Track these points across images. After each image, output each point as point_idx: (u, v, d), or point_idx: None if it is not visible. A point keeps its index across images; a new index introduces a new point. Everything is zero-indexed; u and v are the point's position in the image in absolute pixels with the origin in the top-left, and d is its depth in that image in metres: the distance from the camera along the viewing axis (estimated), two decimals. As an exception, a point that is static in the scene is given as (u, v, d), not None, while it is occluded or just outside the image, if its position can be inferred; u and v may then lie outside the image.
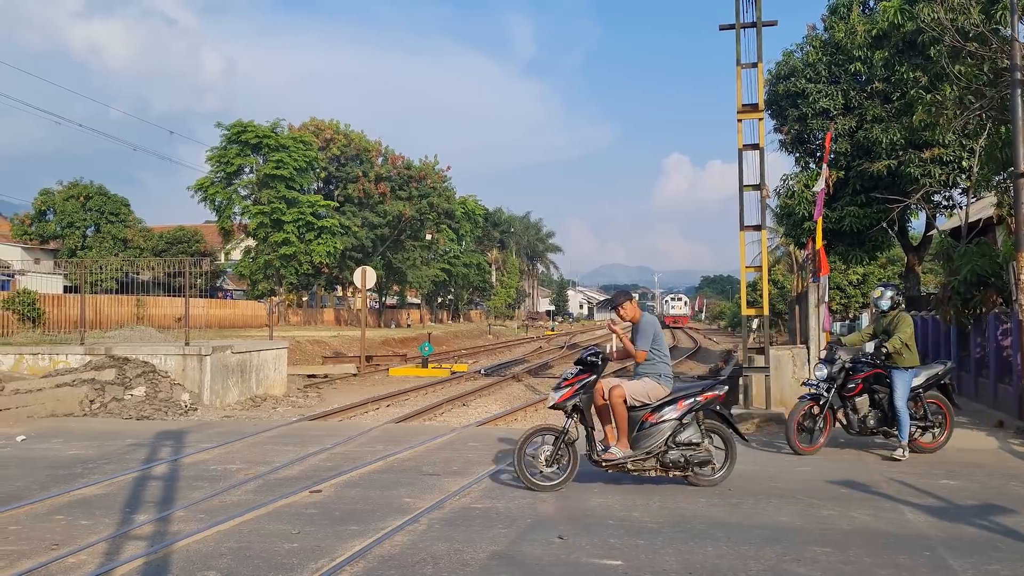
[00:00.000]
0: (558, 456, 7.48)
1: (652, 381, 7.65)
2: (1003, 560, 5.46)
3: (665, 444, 7.46)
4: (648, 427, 7.49)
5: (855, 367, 9.58)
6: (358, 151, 51.73)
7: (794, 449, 9.40)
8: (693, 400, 7.57)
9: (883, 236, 22.16)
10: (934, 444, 9.58)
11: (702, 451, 7.53)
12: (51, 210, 49.37)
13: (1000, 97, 12.04)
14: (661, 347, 7.83)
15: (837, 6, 20.53)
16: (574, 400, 7.47)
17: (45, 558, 5.52)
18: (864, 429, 9.50)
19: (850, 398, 9.56)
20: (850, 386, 9.53)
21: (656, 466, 7.47)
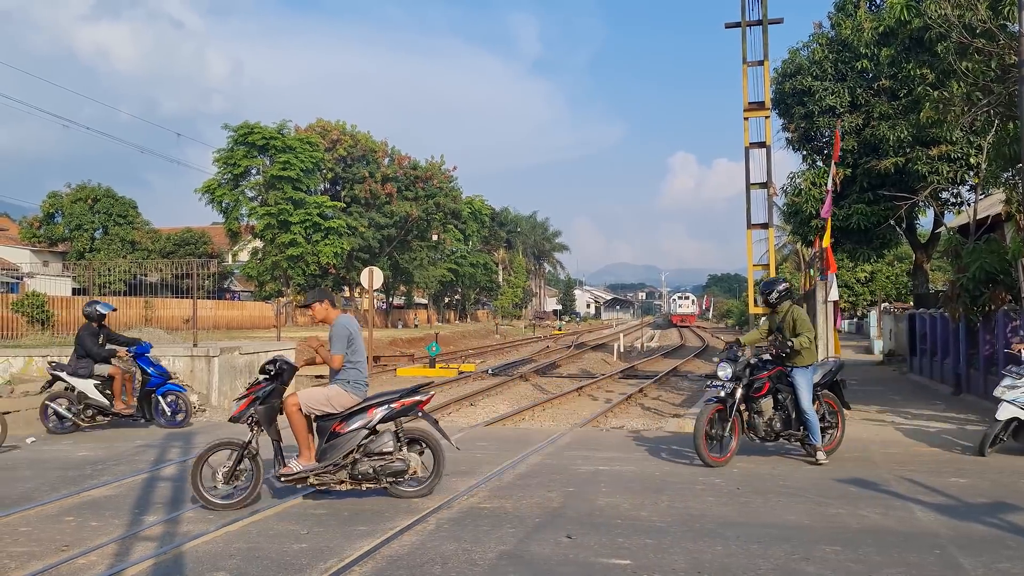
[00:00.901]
0: (238, 472, 6.97)
1: (337, 388, 7.10)
2: (1014, 558, 5.43)
3: (355, 455, 6.97)
4: (336, 437, 7.00)
5: (760, 365, 9.00)
6: (364, 152, 51.82)
7: (704, 460, 8.58)
8: (387, 408, 7.09)
9: (891, 233, 22.11)
10: (830, 446, 9.08)
11: (395, 461, 7.01)
12: (59, 213, 49.60)
13: (1008, 93, 12.00)
14: (356, 351, 7.23)
15: (844, 3, 20.48)
16: (250, 412, 7.03)
17: (55, 559, 5.55)
18: (770, 433, 8.89)
19: (755, 399, 8.91)
20: (756, 386, 8.87)
21: (346, 478, 6.98)
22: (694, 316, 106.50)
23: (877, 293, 45.64)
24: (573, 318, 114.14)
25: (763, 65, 13.91)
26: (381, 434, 7.10)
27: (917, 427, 11.70)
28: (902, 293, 44.07)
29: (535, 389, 21.54)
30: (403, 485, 7.16)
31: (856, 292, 46.59)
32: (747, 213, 14.00)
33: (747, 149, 13.96)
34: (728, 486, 7.69)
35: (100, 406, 11.70)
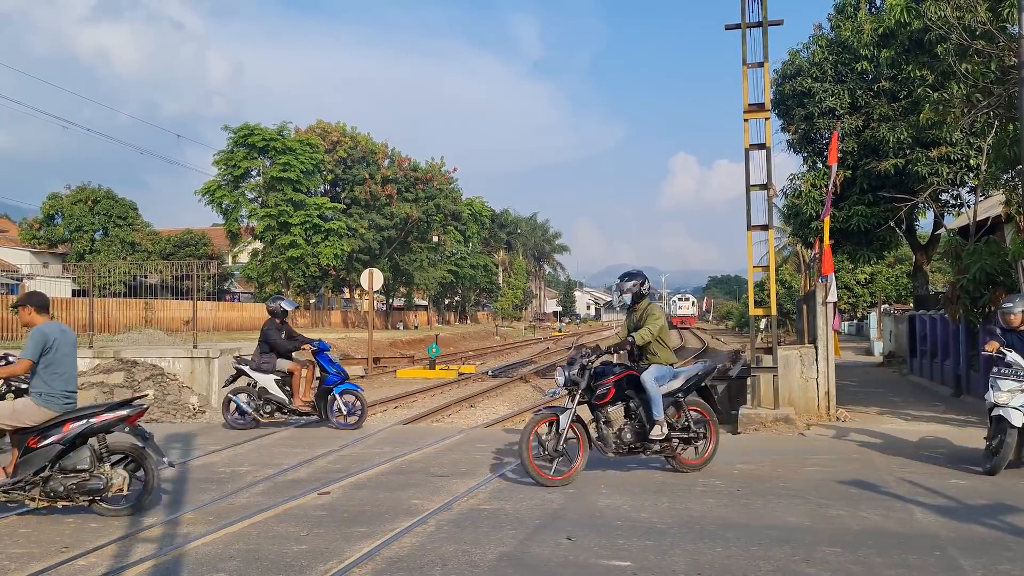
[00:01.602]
0: None
1: (26, 401, 6.74)
2: (1014, 560, 5.43)
3: (48, 471, 6.61)
4: (29, 452, 6.62)
5: (605, 369, 8.17)
6: (364, 153, 51.83)
7: (535, 478, 7.63)
8: (85, 422, 6.65)
9: (891, 235, 22.10)
10: (699, 460, 8.40)
11: (92, 478, 6.59)
12: (59, 214, 49.62)
13: (1008, 95, 12.00)
14: (56, 363, 6.76)
15: (844, 5, 20.48)
16: None
17: (55, 560, 5.54)
18: (622, 446, 8.02)
19: (601, 407, 8.09)
20: (600, 392, 8.02)
21: (39, 495, 6.61)
22: (694, 318, 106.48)
23: (877, 294, 45.65)
24: (573, 319, 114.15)
25: (763, 67, 13.89)
26: (79, 449, 6.67)
27: (917, 429, 11.69)
28: (902, 295, 44.09)
29: (535, 391, 21.54)
30: (107, 503, 6.75)
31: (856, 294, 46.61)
32: (747, 214, 13.98)
33: (747, 151, 13.94)
34: (728, 487, 7.69)
35: (279, 402, 11.74)
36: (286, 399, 11.74)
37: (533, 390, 21.77)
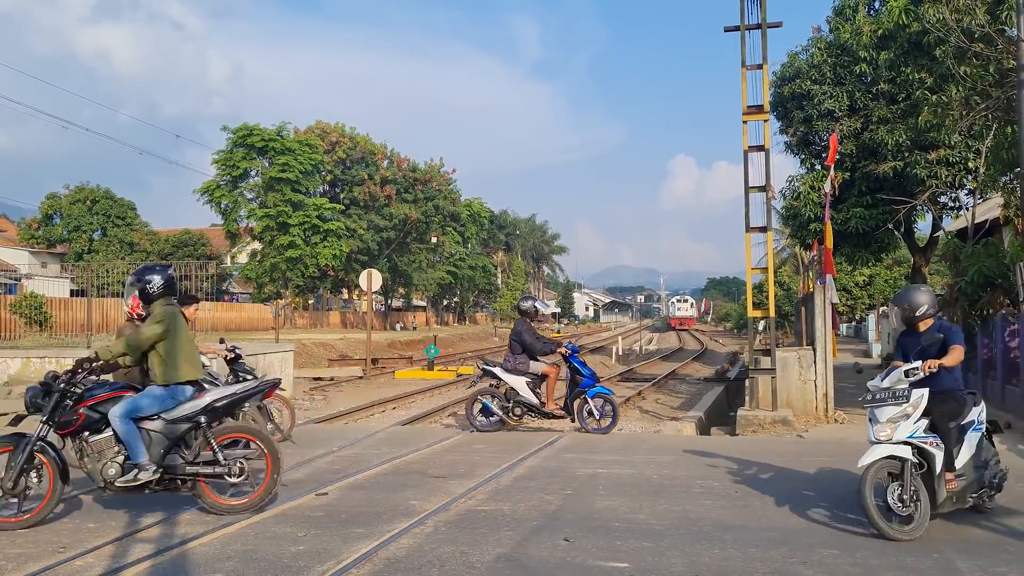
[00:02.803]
0: None
1: None
2: (1011, 562, 5.43)
3: None
4: None
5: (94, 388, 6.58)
6: (363, 154, 51.85)
7: None
8: None
9: (889, 237, 22.11)
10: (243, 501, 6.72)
11: None
12: (58, 214, 49.62)
13: (1006, 98, 12.02)
14: None
15: (843, 7, 20.50)
16: None
17: (52, 561, 5.54)
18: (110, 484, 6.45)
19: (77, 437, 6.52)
20: (71, 419, 6.47)
21: None
22: (693, 319, 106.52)
23: (875, 297, 45.67)
24: (572, 321, 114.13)
25: (762, 69, 13.92)
26: None
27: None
28: (900, 297, 44.05)
29: (533, 392, 21.53)
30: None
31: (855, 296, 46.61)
32: (746, 216, 14.00)
33: (746, 152, 13.96)
34: (725, 489, 7.69)
35: (530, 404, 11.43)
36: (538, 401, 11.42)
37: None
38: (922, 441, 6.06)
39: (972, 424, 6.35)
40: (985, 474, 6.41)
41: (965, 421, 6.32)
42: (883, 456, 6.07)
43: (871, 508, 5.90)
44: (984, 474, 6.40)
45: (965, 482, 6.22)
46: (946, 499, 6.11)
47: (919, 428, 6.10)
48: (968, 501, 6.29)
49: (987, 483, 6.44)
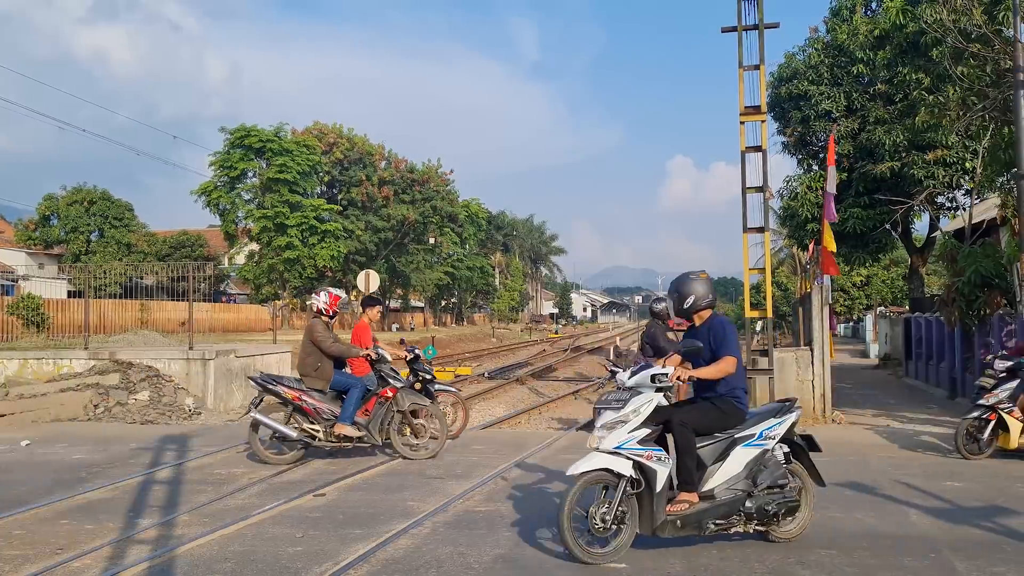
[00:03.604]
0: None
1: None
2: (1008, 562, 5.44)
3: None
4: None
5: None
6: (361, 155, 51.81)
7: None
8: None
9: (887, 238, 22.17)
10: None
11: None
12: (55, 215, 49.53)
13: (1003, 98, 12.04)
14: None
15: (840, 8, 20.55)
16: None
17: (50, 562, 5.53)
18: None
19: None
20: None
21: None
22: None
23: (873, 297, 45.72)
24: (570, 321, 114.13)
25: (759, 69, 13.92)
26: None
27: (912, 430, 11.71)
28: (898, 297, 44.15)
29: (531, 392, 21.55)
30: None
31: (852, 296, 46.67)
32: (743, 217, 14.01)
33: (743, 153, 13.97)
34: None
35: None
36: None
37: (530, 392, 21.78)
38: (636, 454, 5.29)
39: (747, 439, 5.58)
40: (751, 500, 5.52)
41: (740, 435, 5.59)
42: (597, 468, 5.32)
43: (563, 522, 5.22)
44: (749, 499, 5.51)
45: (708, 505, 5.42)
46: (667, 523, 5.32)
47: (635, 439, 5.30)
48: (709, 528, 5.44)
49: (753, 511, 5.51)
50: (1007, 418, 9.07)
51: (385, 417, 9.26)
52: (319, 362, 9.22)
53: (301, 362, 9.38)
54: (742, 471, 5.55)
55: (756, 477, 5.58)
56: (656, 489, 5.29)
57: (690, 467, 5.40)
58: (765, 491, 5.58)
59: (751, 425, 5.66)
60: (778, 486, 5.63)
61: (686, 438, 5.42)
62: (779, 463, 5.72)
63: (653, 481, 5.29)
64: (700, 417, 5.60)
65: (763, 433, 5.64)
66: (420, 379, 9.71)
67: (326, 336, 9.26)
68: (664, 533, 5.36)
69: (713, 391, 5.70)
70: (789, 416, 5.77)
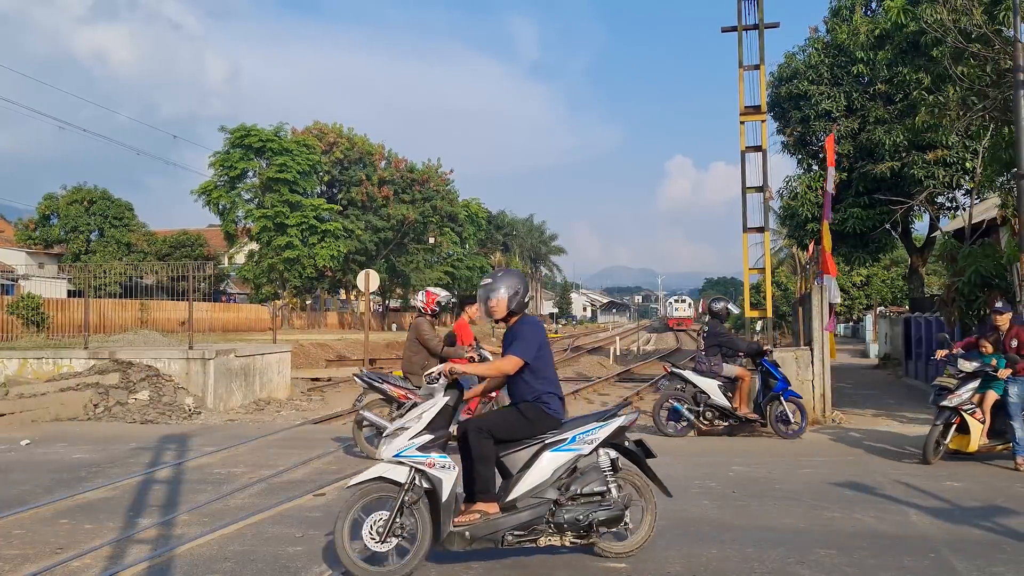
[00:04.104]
0: None
1: None
2: (1008, 562, 5.44)
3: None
4: None
5: None
6: (361, 154, 51.79)
7: None
8: None
9: (886, 238, 22.16)
10: None
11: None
12: (55, 215, 49.48)
13: (1003, 98, 12.03)
14: None
15: (839, 8, 20.55)
16: None
17: (50, 562, 5.53)
18: None
19: None
20: None
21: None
22: (690, 319, 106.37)
23: (873, 297, 45.70)
24: (569, 321, 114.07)
25: (759, 69, 13.93)
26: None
27: (912, 431, 11.70)
28: (898, 297, 44.15)
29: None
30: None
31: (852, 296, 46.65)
32: (743, 217, 14.03)
33: (743, 153, 13.99)
34: (723, 489, 7.69)
35: (722, 408, 11.05)
36: (730, 405, 11.05)
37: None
38: (417, 461, 5.00)
39: (558, 444, 5.24)
40: (560, 509, 5.16)
41: (551, 440, 5.25)
42: (371, 478, 5.04)
43: (341, 534, 4.94)
44: (557, 509, 5.16)
45: (505, 516, 5.12)
46: (454, 535, 5.02)
47: (415, 445, 5.04)
48: (507, 539, 5.08)
49: (562, 522, 5.13)
50: (970, 420, 8.80)
51: None
52: (426, 361, 9.32)
53: (407, 360, 9.48)
54: (549, 478, 5.18)
55: (570, 485, 5.22)
56: (442, 498, 4.98)
57: (485, 475, 5.12)
58: (579, 500, 5.20)
59: (567, 430, 5.30)
60: (595, 495, 5.22)
61: (479, 444, 5.12)
62: (599, 470, 5.28)
63: (439, 490, 4.98)
64: (501, 423, 5.29)
65: (577, 438, 5.25)
66: None
67: (432, 335, 9.43)
68: (452, 546, 5.03)
69: (522, 397, 5.33)
70: (614, 420, 5.37)
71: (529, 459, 5.20)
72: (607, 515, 5.18)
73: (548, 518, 5.13)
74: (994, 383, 8.87)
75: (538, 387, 5.31)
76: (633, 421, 5.48)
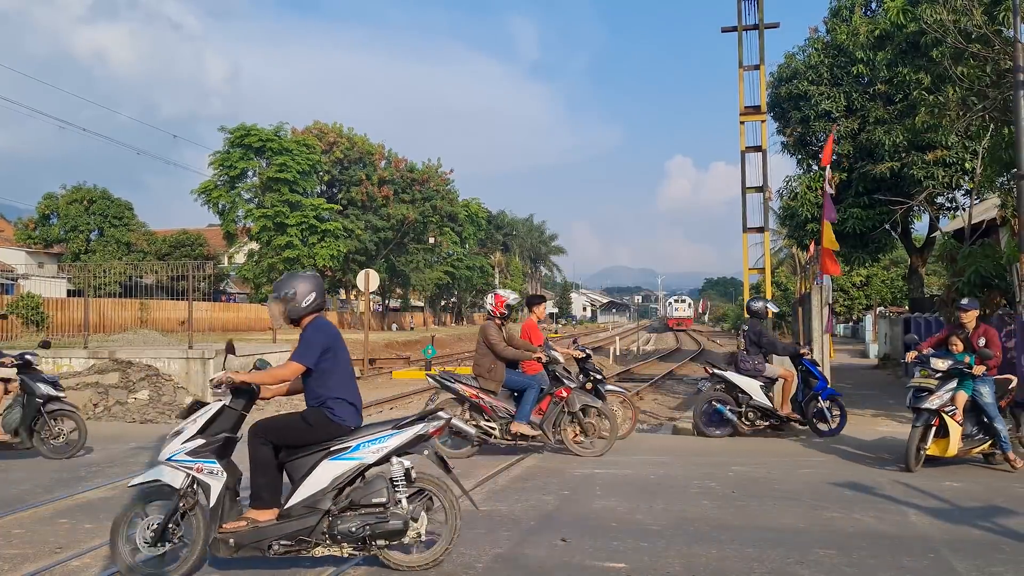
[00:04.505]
0: None
1: None
2: (1007, 562, 5.44)
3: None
4: None
5: None
6: (361, 154, 51.81)
7: None
8: None
9: (886, 238, 22.14)
10: None
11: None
12: (55, 214, 49.48)
13: (1003, 98, 12.03)
14: None
15: (839, 8, 20.54)
16: None
17: (49, 561, 5.53)
18: None
19: None
20: None
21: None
22: (690, 319, 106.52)
23: (872, 297, 45.69)
24: (569, 321, 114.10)
25: (759, 69, 13.94)
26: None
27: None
28: (897, 297, 44.14)
29: (531, 392, 21.51)
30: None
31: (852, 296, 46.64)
32: (743, 217, 14.03)
33: (743, 153, 14.00)
34: (723, 489, 7.69)
35: (764, 409, 10.88)
36: (771, 405, 10.92)
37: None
38: (185, 466, 4.98)
39: (340, 453, 5.09)
40: (335, 520, 5.02)
41: (335, 448, 5.12)
42: (150, 480, 5.01)
43: (117, 534, 4.95)
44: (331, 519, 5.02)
45: (275, 525, 5.00)
46: (219, 542, 4.93)
47: (186, 449, 5.01)
48: (274, 548, 4.96)
49: (336, 532, 4.99)
50: (950, 422, 8.35)
51: (558, 416, 9.48)
52: (493, 364, 9.40)
53: (476, 363, 9.58)
54: (326, 487, 5.02)
55: (350, 495, 5.06)
56: (209, 504, 4.93)
57: (258, 482, 5.07)
58: (357, 511, 5.04)
59: (354, 438, 5.14)
60: (376, 506, 5.04)
61: (254, 450, 5.08)
62: (386, 480, 5.09)
63: (206, 495, 4.95)
64: (283, 429, 5.22)
65: (360, 446, 5.08)
66: (591, 379, 10.10)
67: (499, 339, 9.47)
68: (219, 552, 4.92)
69: (308, 402, 5.26)
70: (410, 428, 5.17)
71: (310, 467, 5.06)
72: (386, 527, 5.01)
73: (324, 528, 5.00)
74: (965, 383, 8.49)
75: (322, 392, 5.20)
76: (438, 429, 5.28)
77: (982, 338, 8.74)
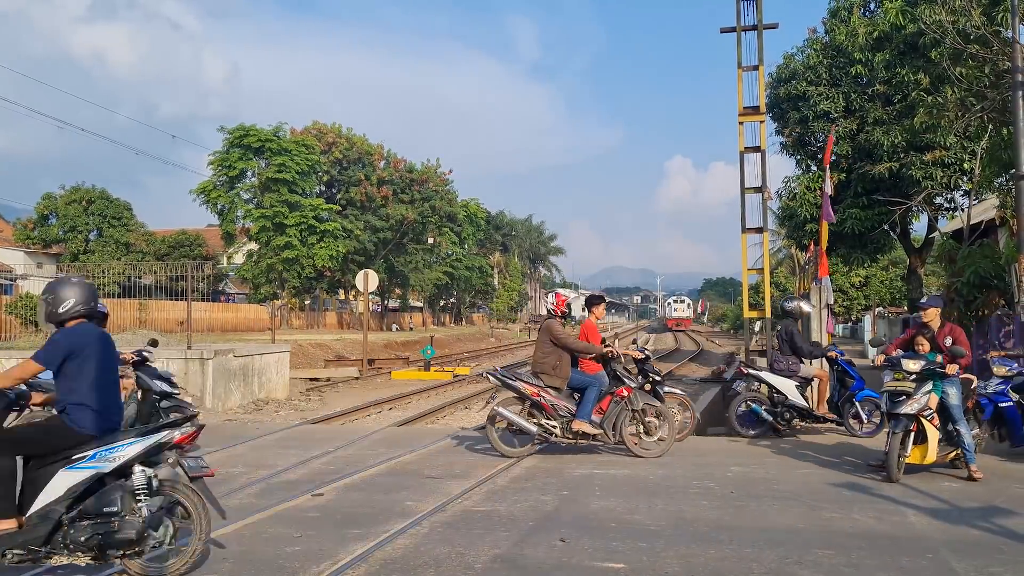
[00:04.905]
0: None
1: None
2: (1006, 563, 5.44)
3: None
4: None
5: None
6: (360, 155, 51.80)
7: None
8: None
9: (885, 238, 22.17)
10: None
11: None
12: (53, 214, 49.44)
13: (1002, 99, 12.05)
14: None
15: (838, 9, 20.57)
16: None
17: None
18: None
19: None
20: None
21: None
22: (689, 320, 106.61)
23: (871, 298, 45.73)
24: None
25: (758, 70, 13.95)
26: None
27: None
28: (896, 298, 44.18)
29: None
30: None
31: (851, 297, 46.68)
32: (742, 217, 14.03)
33: (742, 153, 13.99)
34: (722, 490, 7.69)
35: (800, 409, 10.87)
36: (807, 405, 10.92)
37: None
38: None
39: (77, 462, 4.98)
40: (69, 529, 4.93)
41: (75, 456, 5.00)
42: None
43: None
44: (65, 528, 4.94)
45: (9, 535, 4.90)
46: None
47: None
48: (7, 558, 4.90)
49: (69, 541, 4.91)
50: (928, 427, 7.90)
51: (619, 416, 9.46)
52: (558, 361, 9.42)
53: (539, 361, 9.57)
54: (62, 496, 4.92)
55: (85, 504, 4.95)
56: None
57: None
58: (89, 520, 4.91)
59: (95, 446, 5.02)
60: (110, 515, 4.92)
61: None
62: (125, 489, 4.98)
63: None
64: (26, 436, 5.17)
65: (98, 455, 4.98)
66: (650, 380, 10.00)
67: (566, 333, 9.58)
68: None
69: None
70: (152, 436, 5.09)
71: (49, 477, 4.96)
72: (117, 537, 4.88)
73: (60, 538, 4.91)
74: (936, 385, 8.05)
75: (64, 397, 5.12)
76: (184, 436, 5.20)
77: (948, 337, 8.46)
